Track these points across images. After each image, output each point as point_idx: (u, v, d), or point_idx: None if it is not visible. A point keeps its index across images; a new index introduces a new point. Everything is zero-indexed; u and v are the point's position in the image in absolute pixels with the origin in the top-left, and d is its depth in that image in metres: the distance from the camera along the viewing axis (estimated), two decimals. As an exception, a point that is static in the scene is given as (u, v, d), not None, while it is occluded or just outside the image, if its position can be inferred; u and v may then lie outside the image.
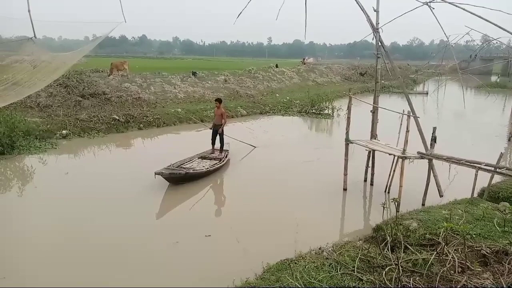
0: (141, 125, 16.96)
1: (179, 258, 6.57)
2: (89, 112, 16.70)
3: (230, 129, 18.01)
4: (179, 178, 9.67)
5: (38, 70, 10.34)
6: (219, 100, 12.35)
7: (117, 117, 16.61)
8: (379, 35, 9.61)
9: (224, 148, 12.32)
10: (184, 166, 10.64)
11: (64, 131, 14.72)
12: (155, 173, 9.07)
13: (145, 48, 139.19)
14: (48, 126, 14.75)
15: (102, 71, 23.88)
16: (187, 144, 14.41)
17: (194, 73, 26.72)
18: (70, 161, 12.41)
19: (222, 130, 12.01)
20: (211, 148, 12.28)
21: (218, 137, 12.02)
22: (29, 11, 7.52)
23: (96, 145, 14.24)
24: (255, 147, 13.81)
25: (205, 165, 10.95)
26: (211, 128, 12.31)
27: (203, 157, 11.80)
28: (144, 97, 20.43)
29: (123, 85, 21.14)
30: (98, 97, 18.61)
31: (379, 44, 9.65)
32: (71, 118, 15.68)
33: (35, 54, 10.30)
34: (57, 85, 17.82)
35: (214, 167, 10.76)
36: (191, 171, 10.16)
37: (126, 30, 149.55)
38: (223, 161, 11.50)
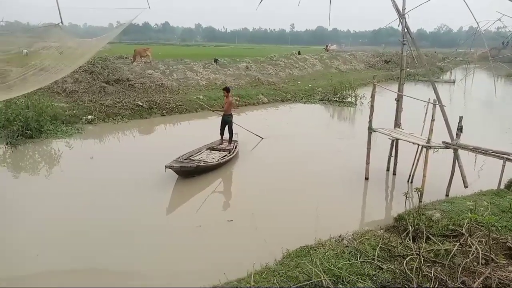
0: (164, 111, 17.17)
1: (201, 241, 6.69)
2: (114, 98, 17.01)
3: (247, 117, 18.07)
4: (190, 171, 9.36)
5: (64, 56, 10.56)
6: (226, 89, 11.98)
7: (140, 103, 16.87)
8: (405, 21, 9.36)
9: (233, 139, 11.97)
10: (193, 158, 10.28)
11: (89, 116, 15.08)
12: (166, 167, 8.81)
13: (168, 35, 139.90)
14: (74, 111, 15.13)
15: (126, 58, 24.17)
16: (208, 130, 14.53)
17: (216, 60, 26.73)
18: (95, 146, 12.73)
19: (231, 120, 11.66)
20: (220, 138, 11.93)
21: (227, 128, 11.72)
22: (56, -3, 7.68)
23: (120, 130, 14.54)
24: (262, 138, 13.22)
25: (214, 157, 10.60)
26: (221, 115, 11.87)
27: (212, 148, 11.44)
28: (167, 83, 20.62)
29: (146, 72, 21.37)
30: (122, 83, 18.90)
31: (405, 30, 9.40)
32: (96, 104, 16.02)
33: (61, 41, 10.50)
34: (82, 71, 18.17)
35: (224, 159, 10.38)
36: (201, 163, 9.79)
37: (150, 17, 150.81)
38: (232, 152, 11.08)
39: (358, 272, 4.72)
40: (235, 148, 11.47)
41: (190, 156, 10.42)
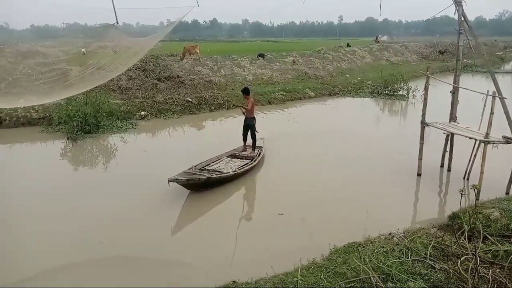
0: (212, 107, 17.54)
1: (251, 233, 6.79)
2: (165, 94, 17.61)
3: (293, 112, 17.97)
4: (199, 184, 8.27)
5: (119, 55, 11.08)
6: (245, 91, 10.54)
7: (190, 99, 17.36)
8: (462, 9, 8.85)
9: (257, 145, 10.81)
10: (209, 168, 9.31)
11: (142, 112, 15.76)
12: (169, 180, 7.67)
13: (216, 31, 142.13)
14: (128, 107, 15.86)
15: (176, 55, 24.89)
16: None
17: (262, 55, 26.78)
18: (148, 140, 13.29)
19: (254, 124, 10.46)
20: (243, 144, 10.78)
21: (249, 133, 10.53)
22: (112, -1, 8.10)
23: (171, 125, 15.06)
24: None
25: (233, 166, 9.53)
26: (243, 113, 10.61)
27: (233, 156, 10.40)
28: (215, 80, 21.01)
29: (195, 69, 21.90)
30: (172, 80, 19.50)
31: (462, 18, 8.90)
32: (148, 100, 16.69)
33: (116, 40, 11.04)
34: (136, 68, 18.95)
35: (243, 169, 9.24)
36: (214, 174, 8.69)
37: (198, 15, 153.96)
38: (255, 160, 10.00)
39: (408, 270, 4.60)
40: (259, 155, 10.39)
41: (207, 165, 9.46)
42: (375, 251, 5.14)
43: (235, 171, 9.04)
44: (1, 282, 5.31)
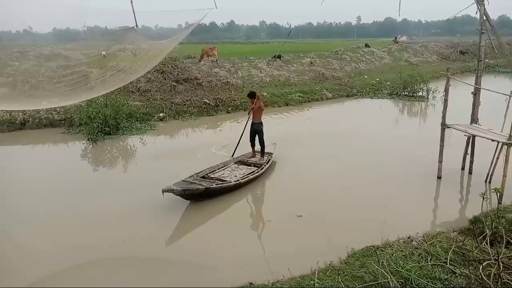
0: (229, 108, 17.61)
1: (268, 235, 6.79)
2: (183, 96, 17.79)
3: (310, 114, 17.89)
4: (197, 195, 7.80)
5: (139, 58, 11.25)
6: (252, 95, 10.12)
7: (207, 101, 17.49)
8: (484, 8, 8.66)
9: (266, 151, 10.35)
10: (212, 176, 8.82)
11: (161, 114, 15.96)
12: (163, 191, 7.18)
13: (233, 33, 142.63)
14: (147, 109, 16.08)
15: (194, 57, 25.10)
16: (269, 127, 14.71)
17: (278, 57, 26.70)
18: (166, 142, 13.44)
19: (262, 130, 10.07)
20: (251, 151, 10.40)
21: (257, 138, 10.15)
22: (131, 2, 8.24)
23: (189, 127, 15.19)
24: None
25: (238, 174, 9.02)
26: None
27: (241, 162, 9.97)
28: (232, 81, 21.11)
29: (213, 70, 22.05)
30: (190, 82, 19.67)
31: (484, 18, 8.71)
32: (167, 102, 16.88)
33: (135, 43, 11.21)
34: (154, 71, 19.19)
35: (247, 178, 8.71)
36: (214, 184, 8.15)
37: (216, 17, 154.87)
38: (263, 167, 9.48)
39: (428, 275, 4.52)
40: (268, 162, 9.90)
41: (211, 172, 9.02)
42: (394, 255, 5.08)
43: (237, 180, 8.50)
44: (21, 274, 5.45)
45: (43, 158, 11.78)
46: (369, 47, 35.33)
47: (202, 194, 7.84)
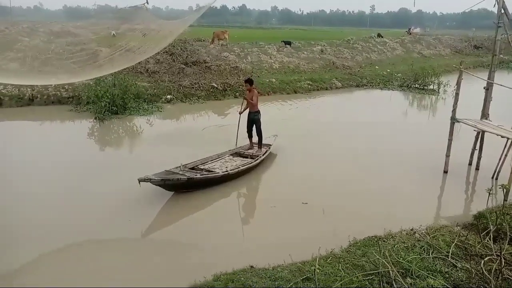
0: (237, 93, 17.51)
1: (271, 221, 6.76)
2: (191, 79, 17.71)
3: (316, 103, 17.78)
4: (180, 185, 7.37)
5: (148, 39, 11.19)
6: (249, 82, 9.52)
7: (215, 85, 17.40)
8: (503, 1, 8.46)
9: (265, 143, 9.88)
10: (202, 167, 8.38)
11: (168, 96, 15.93)
12: (139, 180, 6.64)
13: (244, 18, 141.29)
14: (155, 90, 16.06)
15: (204, 40, 24.93)
16: (275, 114, 14.69)
17: (288, 43, 26.43)
18: (172, 124, 13.45)
19: (259, 119, 9.54)
20: (249, 142, 9.90)
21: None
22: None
23: (196, 111, 15.16)
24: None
25: (229, 166, 8.57)
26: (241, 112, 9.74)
27: (237, 154, 9.51)
28: (241, 66, 20.97)
29: (222, 54, 21.90)
30: (199, 65, 19.57)
31: (502, 11, 8.50)
32: (175, 84, 16.83)
33: (145, 23, 11.14)
34: (164, 52, 19.10)
35: (237, 170, 8.25)
36: (197, 175, 7.70)
37: (228, 0, 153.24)
38: (258, 159, 9.01)
39: (429, 267, 4.52)
40: (265, 154, 9.42)
41: (202, 163, 8.57)
42: (396, 246, 5.08)
43: (226, 171, 8.07)
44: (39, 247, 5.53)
45: (50, 134, 11.87)
46: (381, 37, 34.85)
47: (185, 185, 7.40)
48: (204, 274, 4.75)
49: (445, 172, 9.01)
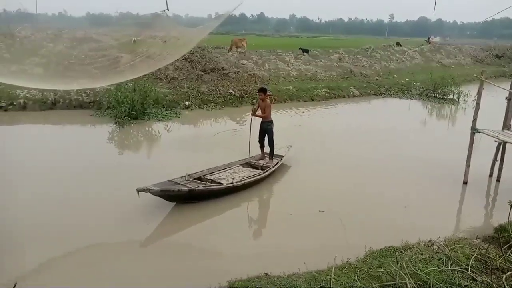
0: (254, 100, 17.55)
1: (288, 228, 6.72)
2: (209, 86, 17.88)
3: (334, 110, 17.68)
4: (182, 197, 7.11)
5: (168, 45, 11.38)
6: (263, 91, 9.29)
7: (233, 92, 17.53)
8: (526, 11, 8.31)
9: (277, 154, 9.60)
10: (208, 177, 8.10)
11: (187, 102, 16.11)
12: (138, 190, 6.39)
13: (262, 26, 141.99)
14: (173, 96, 16.27)
15: (222, 48, 25.18)
16: (290, 121, 14.68)
17: (306, 51, 26.46)
18: (190, 130, 13.59)
19: (271, 129, 9.27)
20: (260, 152, 9.63)
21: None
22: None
23: (213, 117, 15.28)
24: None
25: (236, 177, 8.24)
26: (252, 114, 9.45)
27: (248, 164, 9.23)
28: (258, 73, 21.08)
29: (240, 62, 22.06)
30: (217, 72, 19.75)
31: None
32: (193, 91, 17.00)
33: (165, 30, 11.33)
34: (183, 59, 19.34)
35: (243, 182, 7.94)
36: (200, 186, 7.40)
37: (246, 8, 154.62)
38: (267, 171, 8.69)
39: (447, 280, 4.44)
40: (275, 165, 9.07)
41: (210, 173, 8.32)
42: (413, 257, 5.01)
43: (230, 183, 7.73)
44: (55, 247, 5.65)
45: (72, 138, 12.13)
46: (400, 46, 34.56)
47: (187, 196, 7.13)
48: (219, 280, 4.77)
49: (465, 183, 8.84)
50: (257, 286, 4.57)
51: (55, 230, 6.27)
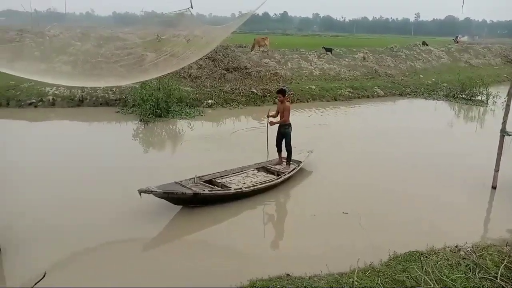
0: (276, 99, 17.45)
1: (311, 229, 6.67)
2: (232, 84, 17.96)
3: (360, 110, 17.43)
4: (187, 200, 6.90)
5: (191, 44, 11.47)
6: (282, 92, 8.79)
7: (255, 91, 17.54)
8: None
9: (295, 159, 9.18)
10: (219, 181, 7.86)
11: (210, 101, 16.24)
12: (140, 192, 6.19)
13: (286, 25, 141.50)
14: (197, 95, 16.42)
15: (245, 47, 25.21)
16: (312, 122, 14.57)
17: (329, 50, 26.19)
18: (213, 128, 13.68)
19: (289, 133, 8.81)
20: (278, 157, 9.22)
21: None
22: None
23: (235, 116, 15.34)
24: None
25: (247, 182, 7.94)
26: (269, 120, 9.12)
27: (263, 168, 8.87)
28: (281, 73, 21.01)
29: (263, 61, 22.04)
30: (240, 71, 19.79)
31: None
32: (216, 90, 17.12)
33: (189, 28, 11.43)
34: (206, 58, 19.48)
35: (253, 187, 7.61)
36: (206, 190, 7.14)
37: (269, 7, 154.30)
38: (283, 176, 8.30)
39: (475, 288, 4.31)
40: (291, 171, 8.61)
41: (221, 176, 8.09)
42: (439, 263, 4.89)
43: (239, 188, 7.44)
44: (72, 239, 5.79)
45: (98, 135, 12.42)
46: (426, 45, 33.77)
47: (192, 200, 6.91)
48: (240, 280, 4.78)
49: (494, 187, 8.55)
50: (278, 286, 4.56)
51: (78, 230, 6.33)
